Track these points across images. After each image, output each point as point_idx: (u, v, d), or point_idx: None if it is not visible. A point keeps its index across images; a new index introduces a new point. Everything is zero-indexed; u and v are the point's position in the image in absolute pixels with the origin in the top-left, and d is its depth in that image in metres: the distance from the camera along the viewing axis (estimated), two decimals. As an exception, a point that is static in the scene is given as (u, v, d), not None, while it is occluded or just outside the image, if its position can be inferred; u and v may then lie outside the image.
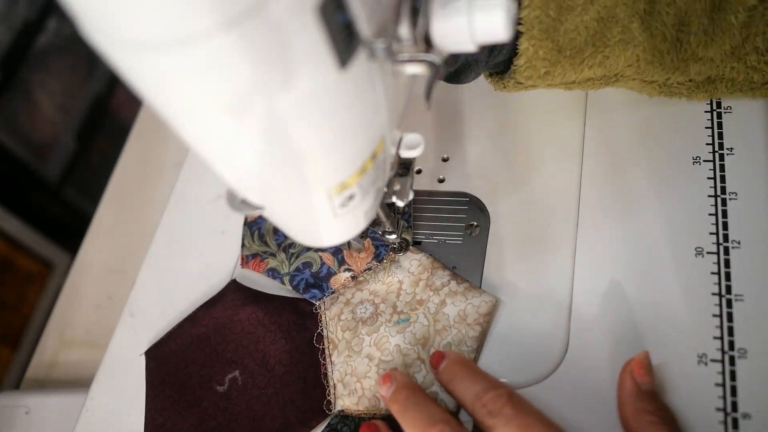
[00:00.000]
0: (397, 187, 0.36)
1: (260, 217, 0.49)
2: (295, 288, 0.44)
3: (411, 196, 0.37)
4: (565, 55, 0.36)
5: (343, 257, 0.45)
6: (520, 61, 0.36)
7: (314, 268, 0.45)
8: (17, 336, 1.18)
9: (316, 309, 0.43)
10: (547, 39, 0.35)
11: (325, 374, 0.41)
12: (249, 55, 0.19)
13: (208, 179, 0.56)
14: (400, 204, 0.36)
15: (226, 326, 0.45)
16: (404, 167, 0.37)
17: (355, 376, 0.40)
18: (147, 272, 0.53)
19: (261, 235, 0.49)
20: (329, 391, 0.40)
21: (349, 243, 0.44)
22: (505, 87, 0.40)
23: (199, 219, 0.54)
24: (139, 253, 0.55)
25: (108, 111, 1.43)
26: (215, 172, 0.27)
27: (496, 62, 0.38)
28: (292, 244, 0.47)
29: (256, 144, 0.24)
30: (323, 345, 0.42)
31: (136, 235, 0.64)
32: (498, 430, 0.31)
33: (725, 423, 0.33)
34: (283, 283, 0.45)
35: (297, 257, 0.46)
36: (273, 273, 0.46)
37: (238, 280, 0.48)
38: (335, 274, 0.44)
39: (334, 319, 0.42)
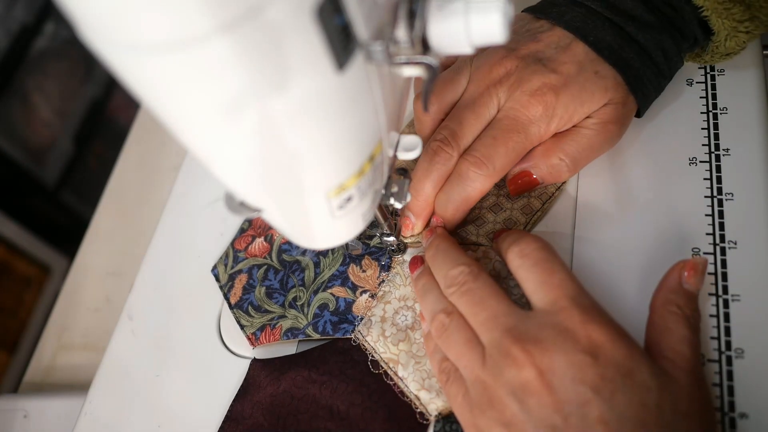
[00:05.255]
0: (394, 189, 0.36)
1: (244, 292, 0.47)
2: (324, 333, 0.42)
3: (408, 198, 0.37)
4: (756, 6, 0.38)
5: (352, 282, 0.43)
6: (720, 37, 0.39)
7: (331, 307, 0.43)
8: (15, 340, 1.18)
9: (354, 341, 0.41)
10: (735, 6, 0.37)
11: (402, 392, 0.39)
12: (246, 58, 0.19)
13: (206, 182, 0.56)
14: (398, 206, 0.36)
15: (275, 404, 0.41)
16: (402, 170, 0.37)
17: (434, 376, 0.38)
18: (145, 275, 0.53)
19: (257, 307, 0.46)
20: (415, 404, 0.38)
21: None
22: (704, 61, 0.42)
23: (197, 221, 0.54)
24: (138, 256, 0.55)
25: (105, 114, 1.43)
26: (213, 175, 0.27)
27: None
28: (295, 297, 0.44)
29: (253, 147, 0.24)
30: (382, 368, 0.40)
31: (134, 238, 0.64)
32: (524, 270, 0.34)
33: (723, 423, 0.33)
34: (309, 336, 0.43)
35: (309, 305, 0.44)
36: (293, 332, 0.43)
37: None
38: (354, 301, 0.43)
39: (380, 340, 0.40)
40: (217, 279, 0.49)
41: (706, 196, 0.40)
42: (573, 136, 0.39)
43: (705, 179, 0.40)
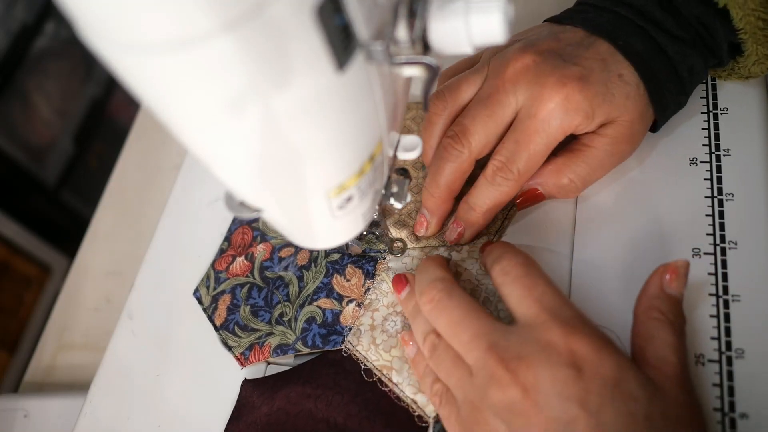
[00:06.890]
0: (395, 189, 0.36)
1: (228, 312, 0.46)
2: (314, 346, 0.41)
3: (408, 198, 0.37)
4: None
5: (337, 293, 0.43)
6: (749, 61, 0.39)
7: (319, 320, 0.42)
8: (15, 339, 1.18)
9: (345, 351, 0.41)
10: None
11: (398, 397, 0.38)
12: (247, 57, 0.19)
13: (206, 182, 0.56)
14: (398, 206, 0.36)
15: (271, 423, 0.41)
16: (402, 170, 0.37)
17: None
18: (145, 275, 0.53)
19: (243, 326, 0.45)
20: (412, 407, 0.38)
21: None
22: (719, 76, 0.43)
23: (197, 221, 0.54)
24: (138, 256, 0.55)
25: (106, 114, 1.43)
26: (214, 175, 0.27)
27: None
28: (282, 313, 0.44)
29: (253, 146, 0.24)
30: (375, 376, 0.39)
31: (134, 237, 0.64)
32: (506, 287, 0.33)
33: (723, 423, 0.33)
34: (299, 350, 0.42)
35: (296, 320, 0.43)
36: (282, 349, 0.42)
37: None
38: (341, 312, 0.42)
39: (371, 348, 0.40)
40: (200, 302, 0.48)
41: (706, 197, 0.40)
42: (584, 158, 0.38)
43: (705, 179, 0.40)
